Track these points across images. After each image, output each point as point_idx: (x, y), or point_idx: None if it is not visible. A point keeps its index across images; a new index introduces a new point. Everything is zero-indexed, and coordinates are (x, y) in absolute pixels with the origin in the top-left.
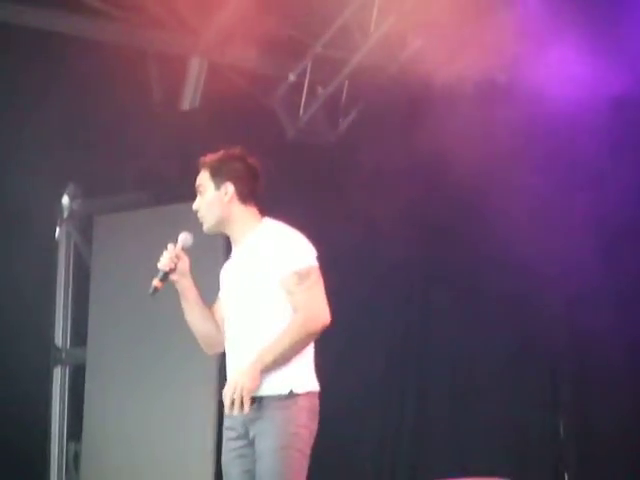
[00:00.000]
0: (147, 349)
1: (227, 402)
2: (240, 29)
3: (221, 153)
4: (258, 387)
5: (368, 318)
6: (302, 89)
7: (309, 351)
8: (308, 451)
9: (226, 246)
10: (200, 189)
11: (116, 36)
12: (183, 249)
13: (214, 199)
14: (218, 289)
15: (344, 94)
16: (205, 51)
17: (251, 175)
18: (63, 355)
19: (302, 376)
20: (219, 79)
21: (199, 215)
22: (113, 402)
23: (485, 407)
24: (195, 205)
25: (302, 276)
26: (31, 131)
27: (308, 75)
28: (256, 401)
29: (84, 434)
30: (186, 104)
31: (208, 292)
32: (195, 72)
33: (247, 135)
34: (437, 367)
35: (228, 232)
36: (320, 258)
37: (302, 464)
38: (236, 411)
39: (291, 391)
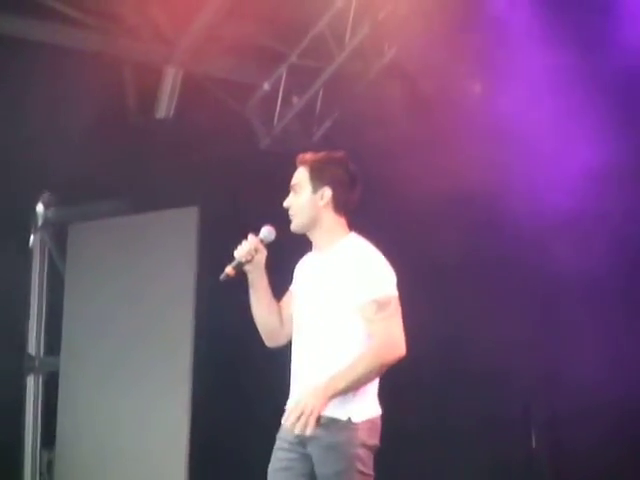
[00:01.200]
0: (120, 357)
1: (292, 419)
2: (215, 38)
3: (324, 154)
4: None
5: None
6: (277, 98)
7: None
8: (368, 469)
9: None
10: (296, 188)
11: (91, 44)
12: (263, 242)
13: (309, 202)
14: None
15: (319, 103)
16: (180, 60)
17: (351, 183)
18: (36, 363)
19: (363, 404)
20: (194, 88)
21: (290, 213)
22: (87, 410)
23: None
24: (287, 203)
25: (381, 305)
26: (5, 138)
27: (283, 84)
28: (318, 421)
29: (57, 442)
30: (161, 113)
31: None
32: (170, 81)
33: (221, 143)
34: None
35: (312, 236)
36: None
37: None
38: (298, 430)
39: (349, 419)
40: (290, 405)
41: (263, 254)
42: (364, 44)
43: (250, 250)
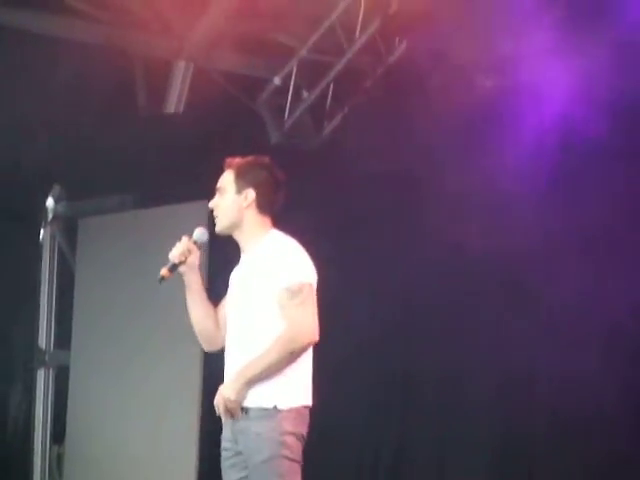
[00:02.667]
0: (131, 351)
1: (220, 414)
2: (225, 32)
3: (250, 158)
4: (244, 398)
5: (351, 331)
6: (287, 92)
7: (301, 366)
8: (296, 456)
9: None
10: (220, 190)
11: (101, 38)
12: (196, 244)
13: (233, 202)
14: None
15: (329, 98)
16: (190, 54)
17: (274, 186)
18: (47, 357)
19: (289, 392)
20: (204, 82)
21: (214, 214)
22: (97, 404)
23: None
24: (212, 204)
25: (293, 292)
26: (16, 133)
27: (293, 78)
28: (243, 411)
29: (67, 436)
30: (171, 107)
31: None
32: (180, 75)
33: (231, 138)
34: (422, 386)
35: (237, 237)
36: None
37: (292, 470)
38: (227, 419)
39: (275, 406)
40: (215, 401)
41: (196, 255)
42: (375, 38)
43: (183, 251)
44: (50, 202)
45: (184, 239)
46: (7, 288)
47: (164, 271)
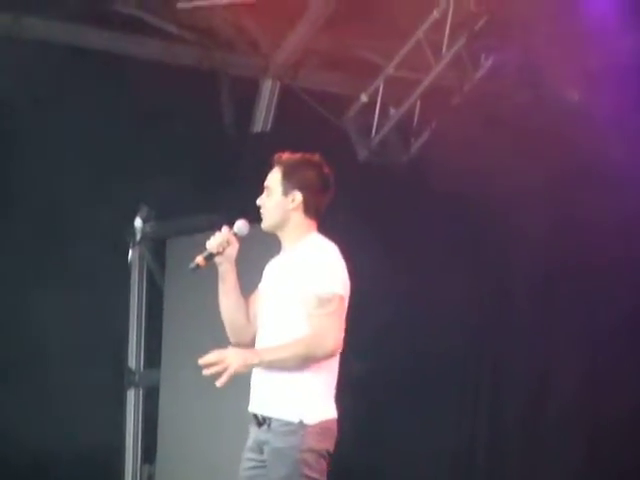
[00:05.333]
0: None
1: (209, 358)
2: (311, 50)
3: (298, 156)
4: (270, 406)
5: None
6: (374, 110)
7: (328, 379)
8: (317, 474)
9: None
10: (268, 189)
11: (187, 59)
12: (236, 236)
13: (279, 204)
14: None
15: (416, 115)
16: (276, 73)
17: (322, 187)
18: (137, 377)
19: (315, 405)
20: (291, 101)
21: (261, 211)
22: (187, 424)
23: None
24: (260, 201)
25: (322, 301)
26: (104, 153)
27: (380, 95)
28: (266, 422)
29: (158, 456)
30: (258, 126)
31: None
32: (267, 94)
33: (319, 154)
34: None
35: (280, 235)
36: (383, 276)
37: None
38: (207, 372)
39: (301, 421)
40: (211, 353)
41: (235, 247)
42: (461, 55)
43: (222, 242)
44: (138, 222)
45: (224, 229)
46: (97, 309)
47: (200, 259)
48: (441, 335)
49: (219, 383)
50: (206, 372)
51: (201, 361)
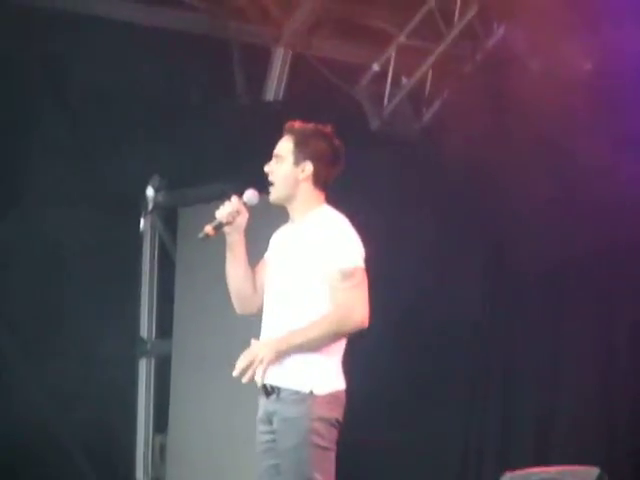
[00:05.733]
0: (232, 340)
1: (241, 365)
2: (323, 19)
3: (311, 126)
4: (279, 376)
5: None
6: (386, 79)
7: (338, 350)
8: (328, 443)
9: None
10: (278, 157)
11: (199, 27)
12: (246, 205)
13: (289, 174)
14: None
15: (428, 84)
16: (289, 41)
17: (333, 159)
18: (148, 347)
19: (326, 376)
20: (303, 69)
21: (270, 178)
22: (199, 394)
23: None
24: (268, 168)
25: (346, 275)
26: (116, 124)
27: (392, 65)
28: (275, 392)
29: (170, 426)
30: (270, 94)
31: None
32: (279, 63)
33: (332, 125)
34: (522, 360)
35: (288, 207)
36: (393, 249)
37: (321, 458)
38: (245, 379)
39: (311, 391)
40: (243, 354)
41: (244, 217)
42: (473, 23)
43: (232, 212)
44: (150, 191)
45: (234, 199)
46: (108, 278)
47: (209, 229)
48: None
49: (258, 379)
50: (245, 380)
51: (235, 373)
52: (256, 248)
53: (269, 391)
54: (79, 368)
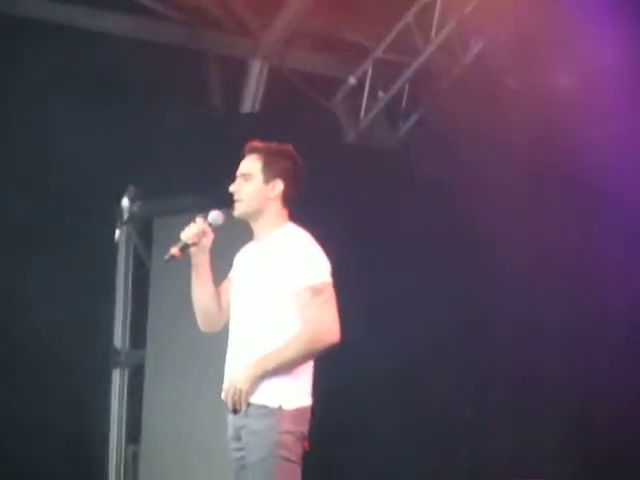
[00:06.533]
0: (206, 351)
1: (229, 402)
2: (300, 32)
3: (275, 145)
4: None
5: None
6: (363, 92)
7: (309, 365)
8: (294, 457)
9: None
10: (246, 176)
11: (175, 38)
12: (211, 226)
13: (259, 192)
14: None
15: (405, 98)
16: (265, 53)
17: (299, 178)
18: (122, 357)
19: (295, 391)
20: (279, 82)
21: (235, 197)
22: (172, 404)
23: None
24: (234, 187)
25: (315, 292)
26: (92, 133)
27: (369, 78)
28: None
29: (143, 436)
30: (246, 107)
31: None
32: (255, 75)
33: (306, 138)
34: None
35: (253, 224)
36: (367, 260)
37: (287, 471)
38: (232, 409)
39: (280, 406)
40: (225, 386)
41: (210, 238)
42: (450, 38)
43: (198, 233)
44: (125, 202)
45: (199, 220)
46: (82, 289)
47: (175, 250)
48: (430, 322)
49: (243, 410)
50: (238, 413)
51: (228, 409)
52: (220, 266)
53: (236, 408)
54: (52, 378)
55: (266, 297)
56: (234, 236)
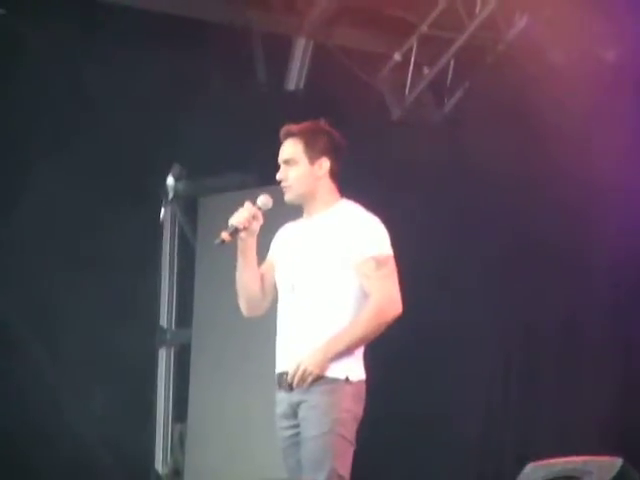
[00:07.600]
0: (252, 329)
1: (295, 383)
2: (345, 8)
3: (310, 125)
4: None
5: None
6: (408, 69)
7: None
8: (350, 435)
9: None
10: (290, 161)
11: (220, 16)
12: (260, 210)
13: (307, 174)
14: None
15: (450, 74)
16: (310, 31)
17: (342, 149)
18: (168, 336)
19: (358, 364)
20: (324, 59)
21: (283, 184)
22: (218, 383)
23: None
24: (281, 175)
25: (379, 263)
26: (138, 111)
27: (414, 54)
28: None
29: (189, 415)
30: (291, 84)
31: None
32: (300, 52)
33: (352, 115)
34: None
35: (305, 204)
36: (413, 239)
37: (343, 449)
38: (289, 389)
39: (347, 378)
40: (290, 367)
41: (259, 222)
42: (495, 14)
43: (248, 217)
44: (170, 181)
45: (248, 205)
46: (128, 268)
47: (225, 235)
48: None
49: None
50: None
51: (286, 387)
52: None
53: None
54: (98, 357)
55: (327, 274)
56: (271, 218)
